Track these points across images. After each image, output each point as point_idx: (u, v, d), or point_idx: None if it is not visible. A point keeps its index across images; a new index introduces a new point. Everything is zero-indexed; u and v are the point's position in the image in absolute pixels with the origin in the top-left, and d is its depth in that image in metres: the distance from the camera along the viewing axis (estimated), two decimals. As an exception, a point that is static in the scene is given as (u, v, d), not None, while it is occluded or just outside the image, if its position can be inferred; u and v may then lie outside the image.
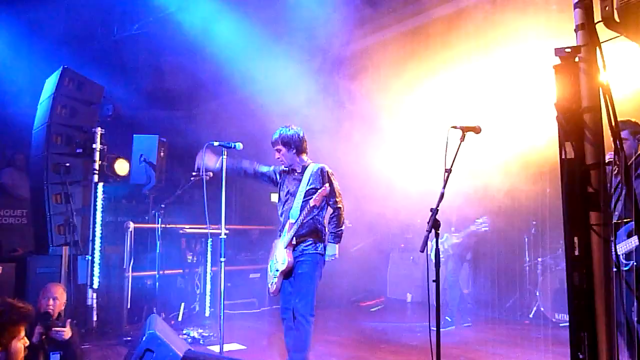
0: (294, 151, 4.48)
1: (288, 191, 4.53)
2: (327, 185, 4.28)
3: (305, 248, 4.36)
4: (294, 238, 4.33)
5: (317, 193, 4.23)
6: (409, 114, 8.22)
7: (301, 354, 4.27)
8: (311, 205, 4.23)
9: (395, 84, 7.82)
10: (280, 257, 4.39)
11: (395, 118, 8.13)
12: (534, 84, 5.59)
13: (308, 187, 4.39)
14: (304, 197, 4.36)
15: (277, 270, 4.39)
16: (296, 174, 4.53)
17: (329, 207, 4.50)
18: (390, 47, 7.50)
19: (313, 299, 4.29)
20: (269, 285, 4.51)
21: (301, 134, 4.52)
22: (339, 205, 4.44)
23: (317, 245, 4.39)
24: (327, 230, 4.46)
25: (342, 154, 8.00)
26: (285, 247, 4.35)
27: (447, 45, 6.67)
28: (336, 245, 4.42)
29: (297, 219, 4.32)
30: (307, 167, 4.50)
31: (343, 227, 4.47)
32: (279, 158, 4.52)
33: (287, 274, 4.39)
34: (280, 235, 4.50)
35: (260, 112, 7.68)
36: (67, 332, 4.08)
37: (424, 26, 6.99)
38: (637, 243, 3.56)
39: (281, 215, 4.55)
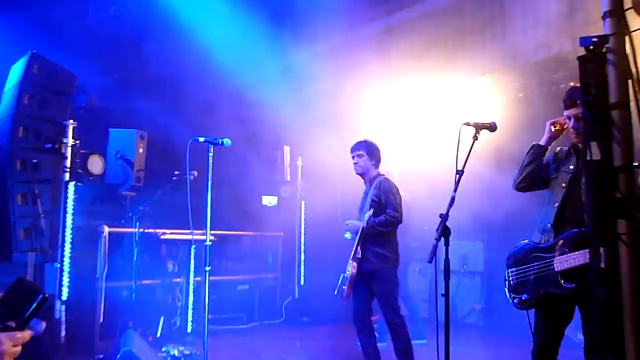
0: (373, 162, 5.15)
1: (362, 204, 5.19)
2: (370, 211, 4.89)
3: (373, 260, 4.92)
4: (360, 251, 4.91)
5: (366, 216, 4.90)
6: (418, 110, 8.30)
7: None
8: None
9: (400, 81, 7.89)
10: (348, 266, 4.99)
11: (404, 114, 8.20)
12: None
13: (370, 199, 4.99)
14: (368, 209, 4.97)
15: (346, 279, 5.01)
16: (367, 188, 5.18)
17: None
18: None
19: (397, 307, 4.93)
20: (340, 292, 5.14)
21: (380, 150, 5.21)
22: (392, 215, 4.90)
23: (388, 258, 4.95)
24: (395, 242, 5.06)
25: (342, 154, 8.03)
26: (351, 258, 4.93)
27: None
28: (357, 226, 4.95)
29: (360, 233, 4.91)
30: (373, 179, 5.11)
31: (381, 229, 4.89)
32: (356, 163, 5.14)
33: (357, 284, 4.98)
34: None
35: (252, 105, 7.69)
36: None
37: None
38: None
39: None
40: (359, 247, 4.91)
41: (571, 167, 3.55)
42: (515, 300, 3.56)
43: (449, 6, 7.77)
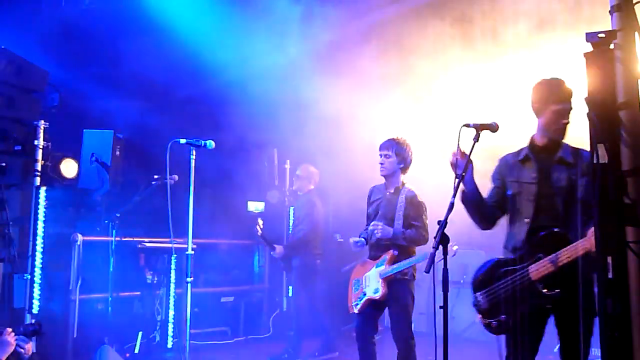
0: (402, 166, 5.02)
1: (379, 212, 5.06)
2: (394, 252, 4.85)
3: (399, 275, 4.86)
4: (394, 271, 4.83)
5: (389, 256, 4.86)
6: (416, 112, 8.33)
7: None
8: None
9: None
10: (373, 284, 4.92)
11: (400, 115, 8.23)
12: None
13: (405, 213, 4.90)
14: (402, 224, 4.89)
15: (365, 295, 4.96)
16: (388, 193, 5.04)
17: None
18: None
19: (411, 323, 4.91)
20: (352, 305, 5.10)
21: (412, 152, 5.09)
22: (423, 235, 4.90)
23: (409, 270, 4.90)
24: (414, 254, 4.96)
25: (333, 158, 8.04)
26: (382, 278, 4.85)
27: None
28: (389, 231, 4.87)
29: (398, 251, 4.85)
30: (400, 189, 4.99)
31: (405, 243, 4.87)
32: (382, 163, 4.99)
33: (375, 303, 4.93)
34: (374, 257, 5.03)
35: (237, 105, 7.67)
36: (29, 349, 4.15)
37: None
38: None
39: (371, 235, 5.02)
40: (393, 268, 4.84)
41: (533, 175, 3.52)
42: (493, 324, 3.49)
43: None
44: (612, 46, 2.46)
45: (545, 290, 3.28)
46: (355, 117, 8.00)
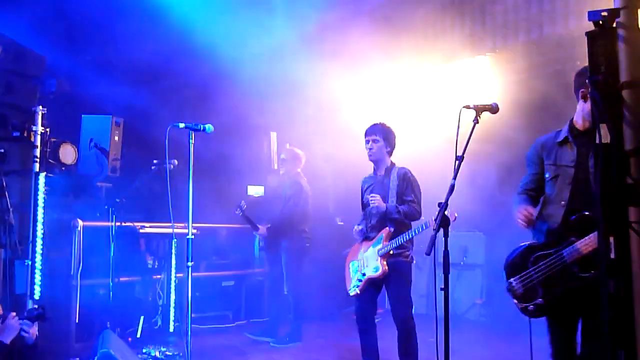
0: (389, 149, 5.15)
1: (371, 192, 5.10)
2: (389, 229, 4.93)
3: (398, 253, 4.94)
4: (392, 249, 4.90)
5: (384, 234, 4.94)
6: (413, 93, 8.33)
7: None
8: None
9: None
10: (372, 263, 4.97)
11: (398, 98, 8.23)
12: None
13: (398, 191, 4.98)
14: (396, 201, 4.96)
15: (364, 275, 5.00)
16: (379, 176, 5.16)
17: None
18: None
19: (411, 304, 5.00)
20: (349, 289, 5.17)
21: (395, 136, 5.21)
22: (418, 210, 4.96)
23: (410, 251, 5.01)
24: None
25: (332, 140, 8.02)
26: (380, 255, 4.91)
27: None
28: (383, 205, 4.94)
29: (396, 231, 4.91)
30: (390, 169, 5.10)
31: (399, 216, 4.91)
32: (370, 148, 5.10)
33: (374, 283, 4.99)
34: (369, 237, 5.12)
35: (236, 89, 7.64)
36: (34, 333, 4.24)
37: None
38: None
39: (368, 218, 5.18)
40: (390, 243, 4.89)
41: (572, 158, 3.52)
42: (530, 308, 3.49)
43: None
44: (614, 25, 2.43)
45: (579, 273, 3.29)
46: (353, 99, 7.98)
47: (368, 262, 5.02)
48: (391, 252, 4.90)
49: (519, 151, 4.41)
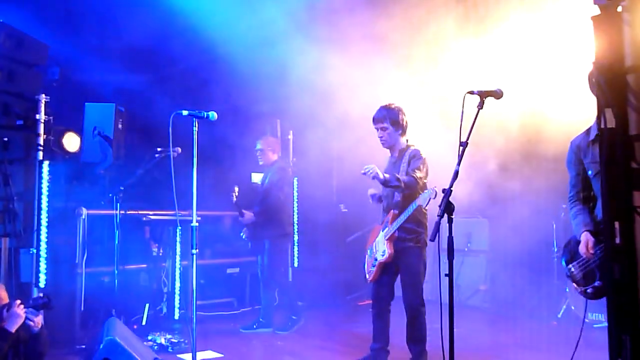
0: (400, 131, 5.08)
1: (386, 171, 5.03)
2: (394, 211, 4.90)
3: (405, 237, 4.92)
4: (397, 231, 4.87)
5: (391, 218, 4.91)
6: (421, 79, 8.26)
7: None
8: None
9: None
10: (381, 247, 4.99)
11: (406, 83, 8.16)
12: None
13: (407, 168, 4.91)
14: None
15: (376, 260, 5.03)
16: (393, 158, 5.15)
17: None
18: None
19: (422, 290, 4.96)
20: (366, 274, 5.22)
21: (405, 113, 5.11)
22: (418, 175, 4.83)
23: (421, 235, 4.97)
24: (426, 220, 5.00)
25: (337, 127, 7.99)
26: (387, 239, 4.91)
27: None
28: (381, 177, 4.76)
29: (401, 211, 4.84)
30: (405, 151, 5.06)
31: (397, 183, 4.77)
32: (381, 136, 5.08)
33: (388, 268, 5.01)
34: (382, 222, 5.10)
35: (239, 75, 7.61)
36: (39, 322, 4.25)
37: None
38: None
39: (383, 202, 5.20)
40: (393, 225, 4.87)
41: None
42: (588, 290, 3.57)
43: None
44: (619, 9, 2.41)
45: None
46: (359, 86, 7.93)
47: (378, 246, 5.04)
48: (395, 234, 4.87)
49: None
